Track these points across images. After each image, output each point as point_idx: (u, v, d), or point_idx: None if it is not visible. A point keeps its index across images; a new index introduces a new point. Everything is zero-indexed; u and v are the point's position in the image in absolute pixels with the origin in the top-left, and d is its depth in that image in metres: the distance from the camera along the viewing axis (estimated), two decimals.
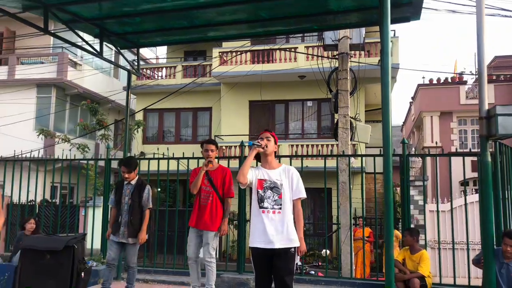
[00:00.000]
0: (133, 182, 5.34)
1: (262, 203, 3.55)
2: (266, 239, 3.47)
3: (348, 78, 6.81)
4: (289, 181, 3.62)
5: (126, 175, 5.27)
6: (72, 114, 18.58)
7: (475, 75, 20.64)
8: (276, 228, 3.48)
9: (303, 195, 3.62)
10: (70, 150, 12.27)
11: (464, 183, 5.96)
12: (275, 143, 3.73)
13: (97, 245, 7.88)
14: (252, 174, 3.60)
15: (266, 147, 3.60)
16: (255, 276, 3.60)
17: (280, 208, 3.53)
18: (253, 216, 3.62)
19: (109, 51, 15.04)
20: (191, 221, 5.11)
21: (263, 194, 3.57)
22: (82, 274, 4.28)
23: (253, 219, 3.61)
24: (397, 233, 8.71)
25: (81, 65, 18.69)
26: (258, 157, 3.76)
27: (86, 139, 16.93)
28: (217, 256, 8.38)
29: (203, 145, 5.32)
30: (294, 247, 3.50)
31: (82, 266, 4.33)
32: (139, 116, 17.22)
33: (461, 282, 5.90)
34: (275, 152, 3.74)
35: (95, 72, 18.83)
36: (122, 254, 5.43)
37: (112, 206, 5.38)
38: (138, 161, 5.79)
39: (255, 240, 3.54)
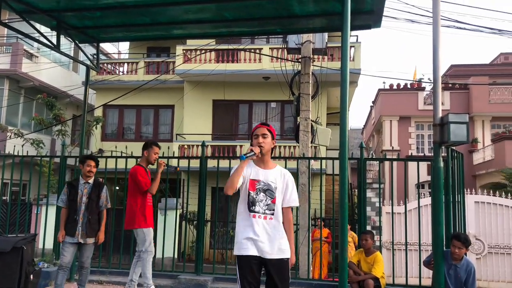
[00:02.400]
0: (90, 181, 5.22)
1: (253, 207, 3.16)
2: (258, 247, 3.12)
3: (310, 82, 6.90)
4: (283, 186, 3.24)
5: (93, 170, 5.19)
6: (27, 108, 17.81)
7: (432, 82, 21.48)
8: (268, 235, 3.14)
9: (296, 203, 3.28)
10: (23, 145, 11.75)
11: (418, 186, 6.17)
12: (273, 137, 3.29)
13: (49, 245, 7.60)
14: (243, 175, 3.18)
15: (261, 148, 3.18)
16: (241, 284, 3.14)
17: (273, 214, 3.17)
18: (240, 219, 3.22)
19: (68, 43, 14.51)
20: (150, 223, 5.29)
21: (255, 196, 3.18)
22: (31, 277, 4.10)
23: (240, 223, 3.21)
24: (353, 234, 8.91)
25: (37, 57, 17.93)
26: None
27: (41, 134, 16.26)
28: (176, 256, 8.29)
29: (152, 146, 5.47)
30: (287, 258, 3.17)
31: (31, 268, 4.15)
32: (98, 112, 16.75)
33: (413, 282, 6.12)
34: (272, 150, 3.32)
35: (53, 65, 18.13)
36: (76, 254, 5.25)
37: (63, 206, 5.13)
38: None
39: (245, 247, 3.13)
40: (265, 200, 3.17)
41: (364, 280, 5.34)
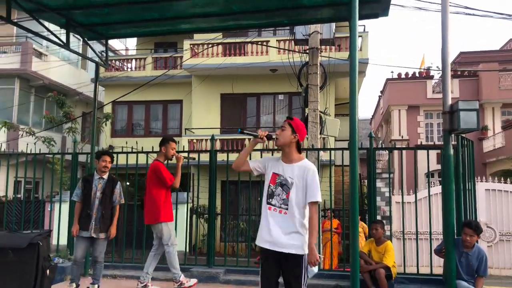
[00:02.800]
0: (105, 176, 5.31)
1: (271, 199, 3.26)
2: (272, 240, 3.18)
3: (318, 72, 6.89)
4: (303, 182, 3.21)
5: (108, 165, 5.28)
6: (37, 106, 18.01)
7: (441, 70, 21.28)
8: (282, 229, 3.17)
9: (315, 198, 3.20)
10: (35, 143, 11.91)
11: (428, 175, 6.16)
12: (295, 132, 3.28)
13: (63, 241, 7.73)
14: (267, 164, 3.34)
15: (270, 138, 3.28)
16: (260, 278, 3.27)
17: (287, 209, 3.20)
18: (262, 211, 3.33)
19: (76, 41, 14.62)
20: (170, 216, 5.41)
21: (274, 189, 3.27)
22: (47, 272, 4.18)
23: (262, 214, 3.33)
24: (363, 225, 8.93)
25: (46, 55, 18.09)
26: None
27: (52, 132, 16.45)
28: (187, 250, 8.39)
29: (169, 142, 5.58)
30: (300, 255, 3.14)
31: (47, 264, 4.23)
32: (107, 109, 16.87)
33: (424, 271, 6.13)
34: (298, 144, 3.33)
35: (62, 63, 18.29)
36: (90, 249, 5.35)
37: (78, 201, 5.22)
38: None
39: (261, 240, 3.25)
40: (282, 195, 3.22)
41: (376, 270, 5.36)
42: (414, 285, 5.56)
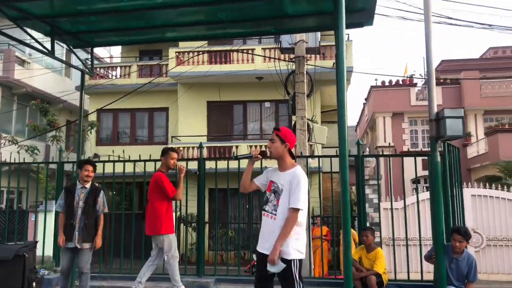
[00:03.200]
0: (87, 185, 5.25)
1: (265, 206, 3.44)
2: (262, 244, 3.36)
3: (305, 81, 6.92)
4: (289, 188, 3.30)
5: (91, 174, 5.23)
6: (20, 115, 17.70)
7: (425, 78, 21.61)
8: (272, 234, 3.26)
9: (295, 205, 3.23)
10: (18, 152, 11.68)
11: (416, 181, 6.22)
12: (284, 141, 3.42)
13: (49, 252, 7.56)
14: (268, 175, 3.54)
15: (265, 154, 3.48)
16: (254, 282, 3.46)
17: (276, 214, 3.31)
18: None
19: (60, 49, 14.44)
20: (172, 228, 5.40)
21: (268, 196, 3.44)
22: (34, 284, 4.08)
23: None
24: (353, 232, 8.95)
25: (29, 63, 17.83)
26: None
27: (35, 140, 16.15)
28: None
29: (168, 153, 5.56)
30: (287, 259, 3.21)
31: (34, 276, 4.14)
32: (92, 117, 16.66)
33: (414, 277, 6.16)
34: (290, 151, 3.48)
35: (45, 71, 18.03)
36: (75, 260, 5.26)
37: (61, 211, 5.16)
38: None
39: (258, 245, 3.45)
40: (273, 201, 3.38)
41: (367, 276, 5.37)
42: None
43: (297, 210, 3.23)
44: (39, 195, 9.18)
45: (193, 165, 7.45)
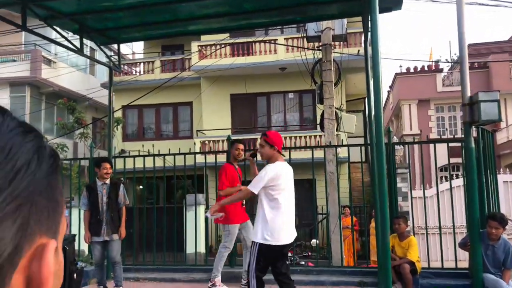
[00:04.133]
0: (107, 181, 5.45)
1: None
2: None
3: (332, 69, 6.84)
4: None
5: (109, 171, 5.42)
6: (48, 113, 18.13)
7: (451, 62, 21.08)
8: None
9: (250, 187, 3.74)
10: None
11: (449, 168, 6.09)
12: (272, 146, 3.76)
13: (83, 246, 7.76)
14: None
15: (255, 155, 4.11)
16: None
17: (258, 201, 3.80)
18: None
19: (84, 47, 14.69)
20: (236, 219, 5.46)
21: None
22: (75, 276, 4.19)
23: None
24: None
25: (55, 62, 18.21)
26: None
27: (63, 138, 16.54)
28: (206, 251, 8.37)
29: (234, 144, 5.73)
30: (255, 242, 3.67)
31: (74, 268, 4.22)
32: (117, 113, 16.92)
33: (448, 266, 6.05)
34: (279, 152, 3.83)
35: (71, 69, 18.39)
36: (105, 253, 5.48)
37: (86, 210, 5.39)
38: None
39: None
40: None
41: (400, 265, 5.30)
42: (439, 279, 5.50)
43: (244, 189, 3.83)
44: (70, 191, 9.43)
45: (222, 158, 7.49)
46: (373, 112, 4.04)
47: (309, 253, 9.35)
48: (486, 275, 5.12)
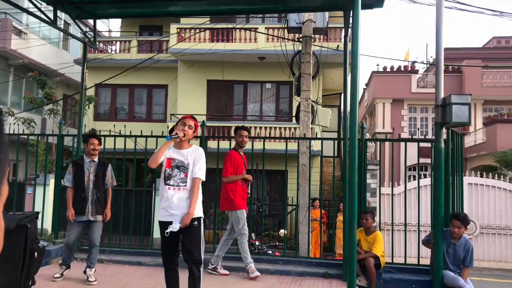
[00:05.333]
0: (95, 159, 5.26)
1: (168, 181, 3.81)
2: (170, 213, 3.76)
3: (311, 61, 6.84)
4: (193, 161, 3.83)
5: (97, 147, 5.23)
6: (16, 87, 17.46)
7: (427, 64, 21.49)
8: (180, 203, 3.75)
9: (199, 176, 3.81)
10: (14, 124, 11.57)
11: (418, 167, 6.22)
12: (195, 131, 3.95)
13: (46, 225, 7.55)
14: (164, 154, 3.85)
15: (184, 136, 3.79)
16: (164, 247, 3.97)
17: (185, 185, 3.79)
18: (161, 191, 3.88)
19: (59, 21, 14.17)
20: (243, 205, 5.46)
21: (170, 172, 3.82)
22: (36, 254, 4.07)
23: (161, 195, 3.87)
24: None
25: (26, 33, 17.50)
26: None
27: (31, 113, 16.00)
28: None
29: (237, 131, 5.67)
30: (197, 218, 3.78)
31: (36, 246, 4.11)
32: (90, 92, 16.47)
33: (411, 262, 6.21)
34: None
35: (43, 42, 17.73)
36: (82, 233, 5.34)
37: (70, 186, 5.15)
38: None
39: (161, 215, 3.87)
40: (179, 175, 3.81)
41: (365, 258, 5.40)
42: (402, 274, 5.64)
43: (200, 180, 3.82)
44: (35, 168, 9.14)
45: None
46: (348, 107, 4.05)
47: (277, 243, 9.43)
48: (446, 272, 5.29)
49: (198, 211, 3.83)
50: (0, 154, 0.40)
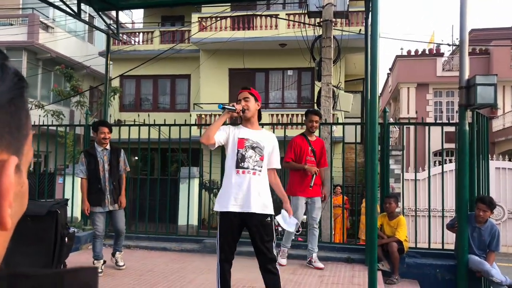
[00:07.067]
0: (107, 147, 5.04)
1: (243, 163, 3.24)
2: (248, 202, 3.18)
3: (332, 46, 6.78)
4: (271, 149, 3.37)
5: (108, 136, 4.98)
6: (45, 80, 17.96)
7: (452, 45, 20.89)
8: (260, 190, 3.23)
9: (279, 166, 3.48)
10: (45, 116, 11.94)
11: (442, 151, 6.13)
12: (257, 99, 3.39)
13: (76, 213, 7.83)
14: (227, 133, 3.32)
15: (244, 111, 3.29)
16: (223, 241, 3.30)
17: (261, 171, 3.27)
18: (227, 177, 3.30)
19: (83, 14, 14.44)
20: (300, 191, 5.25)
21: (244, 153, 3.26)
22: (66, 239, 4.24)
23: (227, 180, 3.29)
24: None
25: (53, 28, 17.92)
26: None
27: (60, 106, 16.46)
28: (198, 223, 8.46)
29: (307, 115, 5.45)
30: (270, 215, 3.26)
31: (66, 231, 4.28)
32: (115, 83, 16.79)
33: (435, 247, 6.16)
34: (259, 111, 3.44)
35: (68, 36, 18.12)
36: (108, 221, 5.28)
37: (83, 177, 4.91)
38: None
39: (224, 203, 3.24)
40: (254, 157, 3.27)
41: (388, 243, 5.40)
42: (425, 259, 5.61)
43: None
44: (65, 159, 9.45)
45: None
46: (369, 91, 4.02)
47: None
48: (471, 256, 5.24)
49: (272, 208, 3.31)
50: (22, 117, 0.45)
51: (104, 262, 5.04)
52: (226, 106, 3.23)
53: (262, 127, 3.69)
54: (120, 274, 4.98)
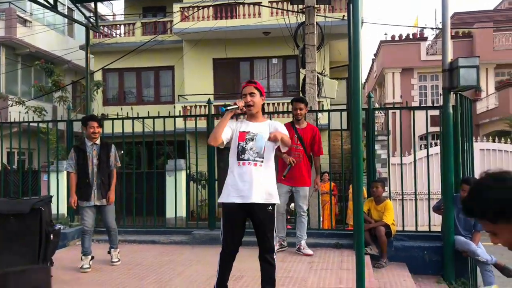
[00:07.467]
0: (97, 142, 5.03)
1: (242, 155, 3.28)
2: (250, 192, 3.20)
3: (315, 32, 6.74)
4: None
5: (97, 130, 4.96)
6: (25, 76, 17.59)
7: (436, 29, 20.99)
8: (258, 181, 3.24)
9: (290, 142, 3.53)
10: (26, 113, 11.70)
11: (427, 135, 6.17)
12: (262, 94, 3.45)
13: (62, 210, 7.73)
14: (232, 129, 3.37)
15: (249, 106, 3.33)
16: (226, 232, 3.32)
17: (262, 161, 3.29)
18: (230, 170, 3.34)
19: (61, 6, 14.12)
20: (279, 179, 5.08)
21: (244, 145, 3.29)
22: (51, 236, 4.18)
23: (231, 173, 3.33)
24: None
25: (31, 22, 17.51)
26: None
27: (42, 101, 16.15)
28: (187, 215, 8.43)
29: (292, 103, 5.40)
30: (272, 204, 3.29)
31: (51, 228, 4.22)
32: (97, 76, 16.53)
33: (422, 230, 6.24)
34: (262, 105, 3.49)
35: (48, 30, 17.74)
36: (97, 217, 5.22)
37: (72, 171, 4.92)
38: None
39: (226, 195, 3.29)
40: (255, 148, 3.30)
41: (375, 227, 5.44)
42: (413, 241, 5.67)
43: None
44: (48, 155, 9.29)
45: (202, 124, 7.42)
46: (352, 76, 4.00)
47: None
48: (457, 237, 5.31)
49: (276, 197, 3.36)
50: None
51: (92, 257, 4.98)
52: (229, 108, 3.27)
53: (270, 118, 3.73)
54: (108, 269, 4.93)
